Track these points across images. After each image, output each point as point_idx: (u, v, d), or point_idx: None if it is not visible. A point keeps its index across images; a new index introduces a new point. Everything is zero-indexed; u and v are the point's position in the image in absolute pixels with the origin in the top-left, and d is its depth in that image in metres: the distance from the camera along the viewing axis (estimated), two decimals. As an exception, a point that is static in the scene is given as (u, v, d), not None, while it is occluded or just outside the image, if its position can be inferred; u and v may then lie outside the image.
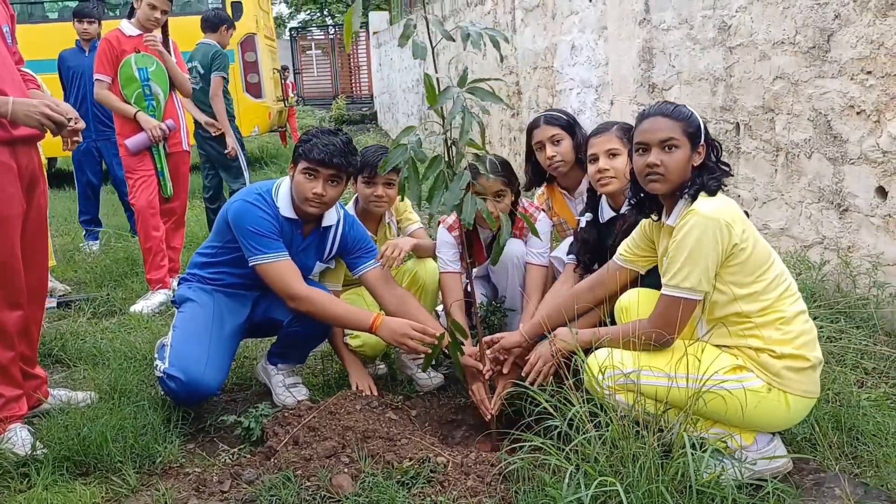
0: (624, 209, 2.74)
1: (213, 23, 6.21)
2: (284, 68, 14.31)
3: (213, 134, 6.08)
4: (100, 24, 6.56)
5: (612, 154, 2.78)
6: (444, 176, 2.30)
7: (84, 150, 6.43)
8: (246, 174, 6.37)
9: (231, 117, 6.26)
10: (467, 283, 2.84)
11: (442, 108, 2.27)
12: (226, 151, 6.15)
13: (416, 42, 2.18)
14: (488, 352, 2.74)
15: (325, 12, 32.41)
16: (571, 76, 6.26)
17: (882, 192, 3.17)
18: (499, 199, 3.02)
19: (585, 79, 6.00)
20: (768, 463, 2.21)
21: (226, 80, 6.13)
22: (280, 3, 33.58)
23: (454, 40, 2.19)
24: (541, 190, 3.50)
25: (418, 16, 13.07)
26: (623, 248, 2.55)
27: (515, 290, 3.17)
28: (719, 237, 2.12)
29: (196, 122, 6.11)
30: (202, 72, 6.05)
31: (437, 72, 2.34)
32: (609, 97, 5.59)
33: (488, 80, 2.38)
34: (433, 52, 2.31)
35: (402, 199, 2.55)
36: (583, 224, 2.96)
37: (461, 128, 2.21)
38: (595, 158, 2.82)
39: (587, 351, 2.37)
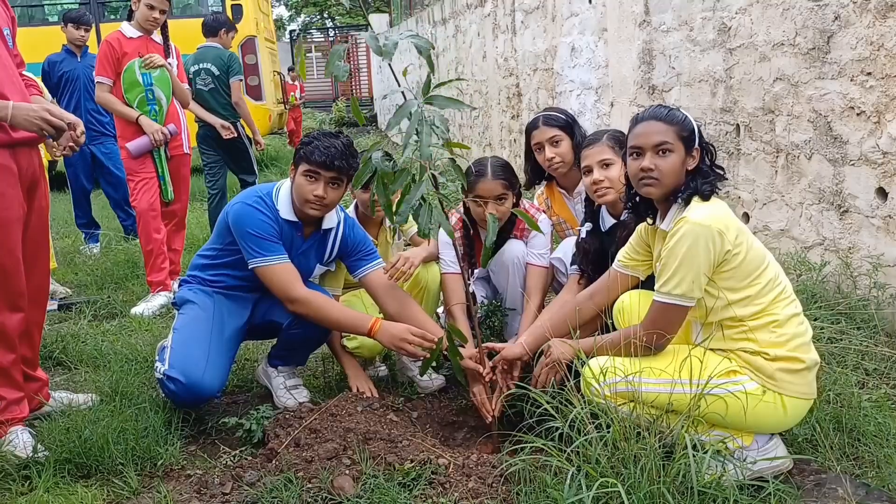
0: (624, 216, 2.75)
1: (213, 27, 6.23)
2: (291, 69, 14.25)
3: (226, 137, 6.07)
4: (97, 30, 6.62)
5: (606, 164, 2.79)
6: (409, 189, 2.28)
7: (77, 154, 6.38)
8: (256, 170, 6.47)
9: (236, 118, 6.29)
10: (468, 285, 2.84)
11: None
12: (260, 149, 6.48)
13: (337, 67, 2.18)
14: (490, 362, 2.74)
15: (325, 15, 32.44)
16: (571, 78, 6.27)
17: (882, 193, 3.17)
18: (500, 202, 3.03)
19: (585, 81, 6.00)
20: (769, 462, 2.22)
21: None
22: (280, 5, 33.64)
23: (381, 54, 2.17)
24: (540, 190, 3.51)
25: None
26: (622, 254, 2.56)
27: (516, 291, 3.17)
28: (711, 245, 2.13)
29: (200, 124, 6.14)
30: (217, 73, 6.08)
31: (398, 83, 2.33)
32: (609, 99, 5.60)
33: (451, 81, 2.38)
34: (390, 66, 2.30)
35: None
36: (583, 234, 2.96)
37: (419, 143, 2.18)
38: (589, 170, 2.82)
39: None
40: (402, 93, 2.32)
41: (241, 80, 6.17)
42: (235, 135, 6.12)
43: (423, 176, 2.27)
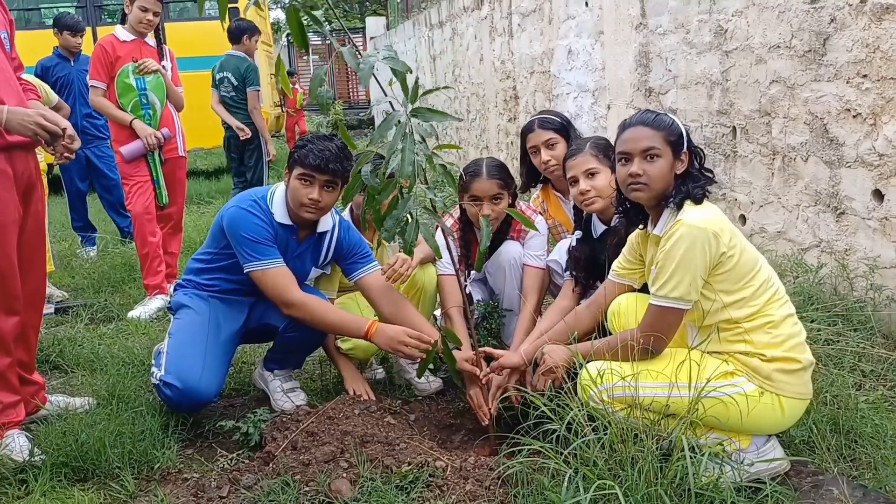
0: (614, 222, 2.75)
1: (236, 35, 6.72)
2: (291, 73, 14.16)
3: (242, 138, 6.71)
4: (93, 33, 6.79)
5: (591, 174, 2.79)
6: (397, 201, 2.26)
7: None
8: (264, 174, 7.04)
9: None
10: (465, 286, 2.84)
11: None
12: (268, 159, 6.97)
13: (320, 93, 2.16)
14: (486, 368, 2.74)
15: (324, 18, 32.44)
16: (568, 81, 6.27)
17: (878, 194, 3.18)
18: (496, 201, 3.03)
19: (582, 83, 6.01)
20: (766, 464, 2.22)
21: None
22: (277, 8, 33.63)
23: (359, 71, 2.15)
24: (536, 193, 3.51)
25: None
26: (616, 264, 2.58)
27: (513, 293, 3.17)
28: (707, 247, 2.13)
29: (226, 127, 6.85)
30: (235, 83, 6.68)
31: (385, 94, 2.32)
32: (606, 101, 5.60)
33: (436, 89, 2.37)
34: (375, 76, 2.28)
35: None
36: (573, 242, 2.97)
37: (401, 163, 2.15)
38: (575, 181, 2.82)
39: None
40: (391, 103, 2.31)
41: (257, 91, 6.73)
42: (249, 135, 6.74)
43: (411, 192, 2.25)
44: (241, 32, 6.73)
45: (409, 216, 2.24)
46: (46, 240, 3.02)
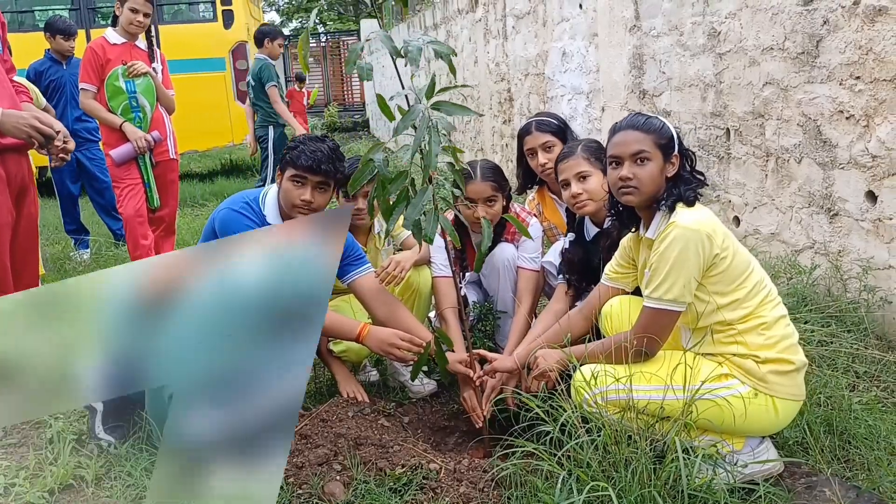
0: (607, 224, 2.75)
1: (259, 39, 7.24)
2: (301, 79, 13.97)
3: (252, 154, 7.51)
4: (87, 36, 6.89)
5: (583, 177, 2.78)
6: (408, 192, 2.26)
7: None
8: (268, 173, 7.34)
9: (277, 124, 7.25)
10: (460, 288, 2.83)
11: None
12: (304, 129, 7.61)
13: (360, 66, 2.17)
14: (480, 371, 2.74)
15: (317, 20, 32.46)
16: (563, 83, 6.28)
17: (871, 196, 3.18)
18: (490, 204, 3.03)
19: (576, 85, 6.02)
20: (760, 465, 2.22)
21: (278, 86, 7.14)
22: (271, 11, 33.63)
23: (403, 56, 2.15)
24: (531, 195, 3.51)
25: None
26: (608, 268, 2.58)
27: (507, 295, 3.17)
28: (701, 249, 2.13)
29: (256, 126, 7.35)
30: (252, 84, 7.19)
31: (402, 86, 2.31)
32: (600, 104, 5.61)
33: (456, 87, 2.36)
34: (395, 67, 2.28)
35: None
36: (566, 245, 2.96)
37: (427, 151, 2.15)
38: (567, 184, 2.82)
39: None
40: (406, 97, 2.30)
41: (275, 86, 7.07)
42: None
43: (429, 183, 2.25)
44: (262, 36, 7.21)
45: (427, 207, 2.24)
46: (38, 243, 3.00)
